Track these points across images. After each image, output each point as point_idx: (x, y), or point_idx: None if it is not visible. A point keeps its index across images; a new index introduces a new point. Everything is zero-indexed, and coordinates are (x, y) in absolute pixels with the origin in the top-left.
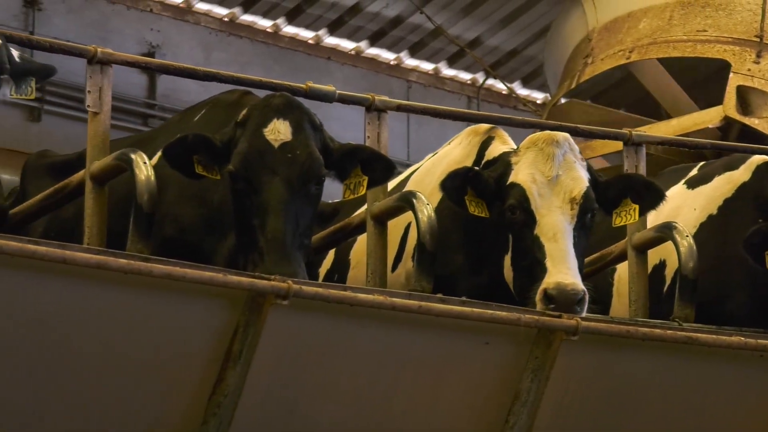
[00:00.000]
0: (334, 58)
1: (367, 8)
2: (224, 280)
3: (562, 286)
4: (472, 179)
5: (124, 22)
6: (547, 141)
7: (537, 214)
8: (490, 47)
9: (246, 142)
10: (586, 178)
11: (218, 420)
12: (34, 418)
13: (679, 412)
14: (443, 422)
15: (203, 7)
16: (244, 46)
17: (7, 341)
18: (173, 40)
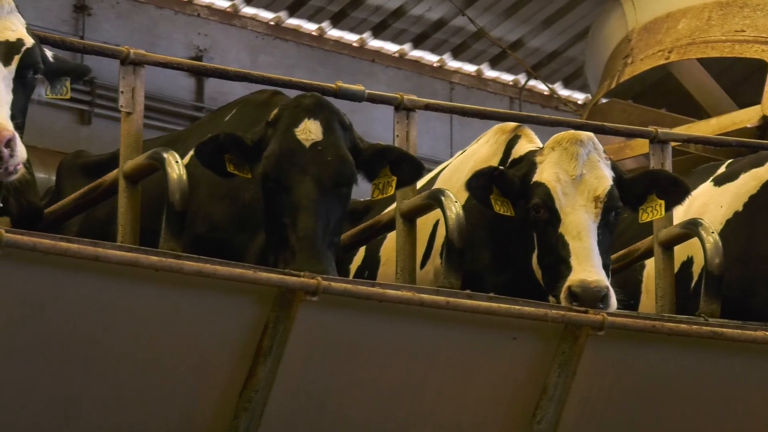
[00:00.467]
0: (378, 60)
1: (410, 11)
2: (254, 276)
3: (586, 284)
4: (497, 178)
5: (172, 27)
6: (571, 140)
7: (561, 212)
8: (531, 49)
9: (277, 141)
10: (610, 176)
11: (249, 414)
12: (68, 413)
13: (705, 407)
14: (471, 417)
15: (250, 12)
16: (289, 49)
17: (40, 338)
18: (220, 44)
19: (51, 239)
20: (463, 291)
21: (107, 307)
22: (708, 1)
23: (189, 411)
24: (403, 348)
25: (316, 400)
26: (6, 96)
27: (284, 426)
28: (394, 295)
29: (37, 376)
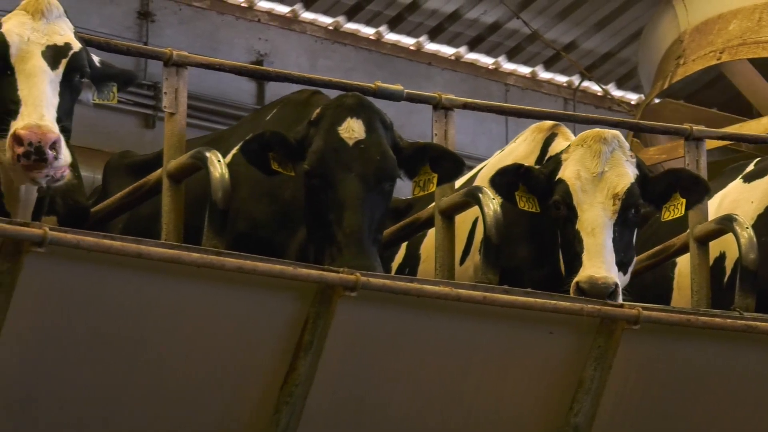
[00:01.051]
0: (435, 63)
1: (466, 15)
2: (294, 273)
3: (593, 280)
4: (523, 175)
5: (233, 32)
6: (595, 138)
7: (579, 209)
8: (585, 50)
9: (321, 140)
10: (632, 174)
11: (290, 408)
12: (111, 409)
13: (739, 400)
14: (509, 410)
15: (309, 17)
16: (348, 53)
17: (84, 334)
18: (280, 49)
19: (94, 237)
20: (500, 286)
21: (150, 303)
22: (759, 2)
23: (230, 406)
24: (442, 343)
25: (355, 394)
26: (53, 99)
27: (324, 420)
28: (431, 291)
29: (80, 371)
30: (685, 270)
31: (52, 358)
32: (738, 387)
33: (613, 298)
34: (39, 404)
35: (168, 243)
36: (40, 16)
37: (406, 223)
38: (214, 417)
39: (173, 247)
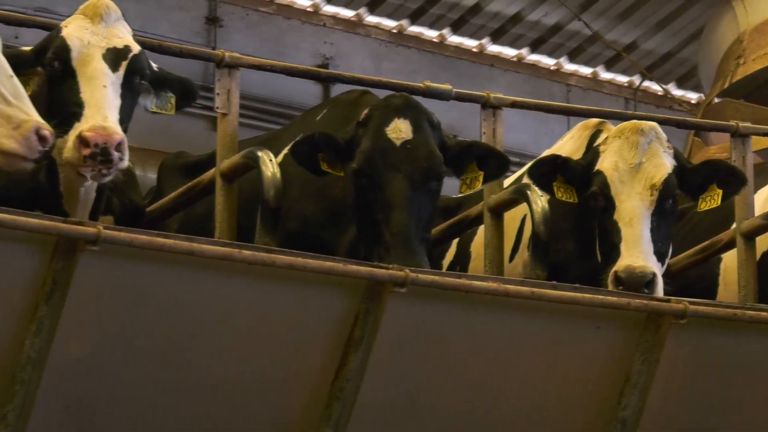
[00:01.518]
0: (497, 65)
1: (527, 17)
2: (344, 269)
3: (630, 269)
4: (560, 167)
5: (299, 36)
6: (632, 130)
7: (616, 200)
8: (645, 51)
9: (369, 140)
10: (669, 165)
11: (341, 404)
12: (165, 404)
13: None
14: (557, 404)
15: (373, 20)
16: (411, 55)
17: (138, 330)
18: (345, 52)
19: (147, 235)
20: (548, 282)
21: (202, 300)
22: None
23: (282, 401)
24: (490, 338)
25: (405, 388)
26: (115, 101)
27: (375, 414)
28: (480, 287)
29: (134, 369)
30: (731, 265)
31: (106, 356)
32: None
33: (651, 288)
34: (94, 401)
35: (219, 241)
36: (99, 19)
37: (455, 220)
38: (266, 413)
39: (225, 245)
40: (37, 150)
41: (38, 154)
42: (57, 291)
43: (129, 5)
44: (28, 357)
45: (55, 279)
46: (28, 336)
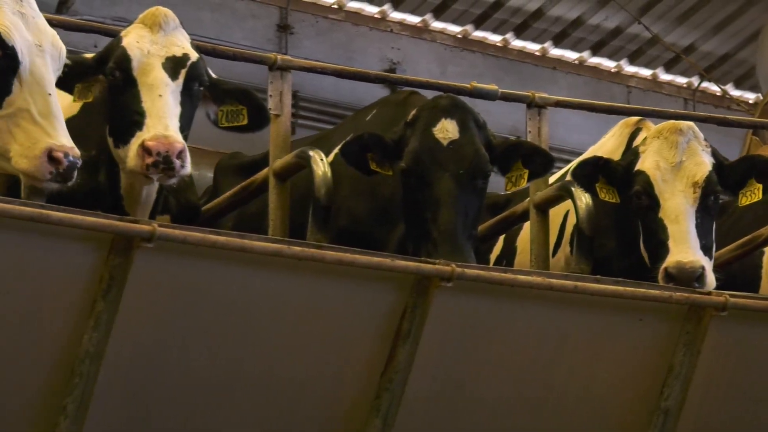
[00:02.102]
0: (559, 67)
1: (588, 21)
2: (392, 264)
3: (681, 265)
4: (602, 167)
5: (367, 42)
6: (671, 130)
7: (661, 198)
8: (704, 52)
9: (417, 140)
10: (709, 162)
11: (390, 395)
12: (221, 394)
13: None
14: (601, 394)
15: (438, 26)
16: (476, 59)
17: (192, 324)
18: (412, 57)
19: (200, 232)
20: (591, 276)
21: (255, 296)
22: None
23: (334, 391)
24: (535, 331)
25: (452, 379)
26: (175, 109)
27: (424, 405)
28: (524, 280)
29: (188, 360)
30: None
31: (161, 350)
32: None
33: (701, 281)
34: (150, 394)
35: (270, 237)
36: (158, 28)
37: (502, 217)
38: (317, 405)
39: (275, 241)
40: (48, 172)
41: (49, 176)
42: (114, 287)
43: (205, 14)
44: (86, 351)
45: (112, 275)
46: (86, 330)
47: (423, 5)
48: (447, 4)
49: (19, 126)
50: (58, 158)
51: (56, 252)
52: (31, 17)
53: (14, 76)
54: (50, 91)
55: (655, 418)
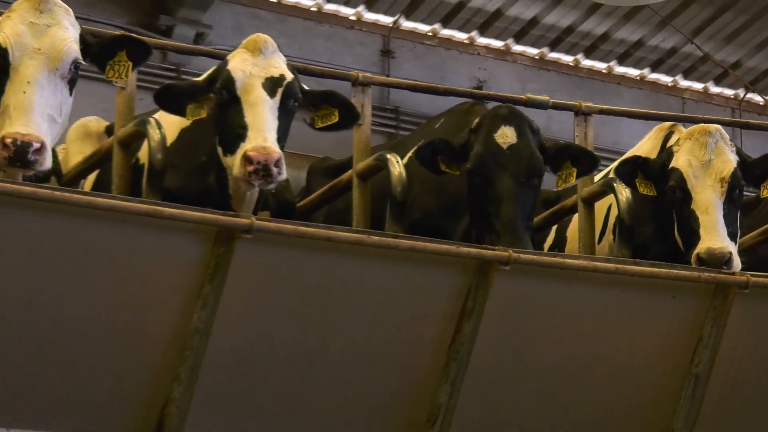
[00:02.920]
0: (623, 83)
1: (648, 42)
2: (457, 251)
3: (711, 251)
4: (641, 165)
5: (457, 64)
6: (701, 132)
7: (693, 192)
8: (748, 68)
9: (480, 145)
10: (734, 160)
11: (457, 364)
12: (308, 366)
13: None
14: (640, 362)
15: (519, 49)
16: (551, 77)
17: (286, 305)
18: (496, 76)
19: (293, 224)
20: (630, 259)
21: (340, 279)
22: None
23: (409, 361)
24: (582, 307)
25: (511, 350)
26: (273, 123)
27: (485, 373)
28: (572, 263)
29: (283, 335)
30: None
31: (259, 326)
32: None
33: (729, 265)
34: (250, 364)
35: (353, 228)
36: (259, 53)
37: (554, 210)
38: (394, 373)
39: (357, 232)
40: (2, 157)
41: (5, 161)
42: (219, 272)
43: (319, 43)
44: (195, 328)
45: (217, 262)
46: (195, 310)
47: (505, 31)
48: (526, 30)
49: (2, 119)
50: (6, 144)
51: (169, 243)
52: (44, 26)
53: (6, 76)
54: (29, 87)
55: (687, 382)
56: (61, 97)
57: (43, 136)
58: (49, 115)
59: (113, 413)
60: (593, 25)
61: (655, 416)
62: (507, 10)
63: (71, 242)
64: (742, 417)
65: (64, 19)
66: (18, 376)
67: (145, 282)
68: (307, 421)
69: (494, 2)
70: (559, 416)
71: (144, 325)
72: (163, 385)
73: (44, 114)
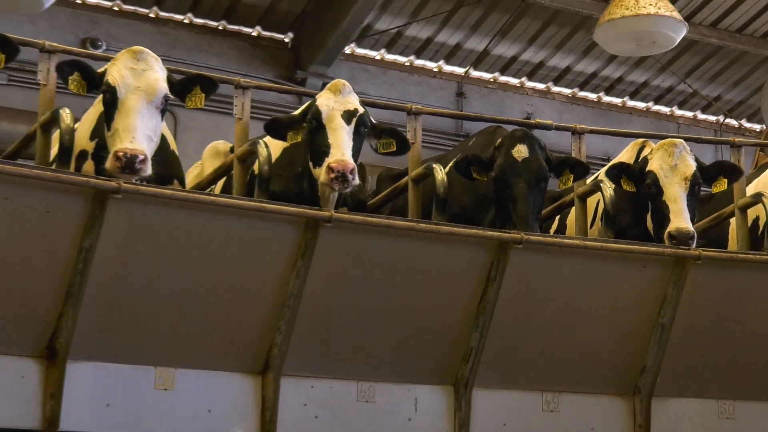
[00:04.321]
0: (633, 113)
1: (652, 82)
2: (483, 234)
3: (680, 230)
4: (624, 169)
5: (512, 101)
6: (669, 144)
7: (664, 188)
8: (727, 100)
9: (502, 158)
10: (694, 165)
11: (484, 317)
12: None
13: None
14: (619, 317)
15: (556, 89)
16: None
17: (359, 276)
18: (540, 109)
19: (362, 216)
20: (612, 239)
21: (397, 256)
22: None
23: (449, 316)
24: (576, 275)
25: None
26: (349, 143)
27: (506, 324)
28: (568, 243)
29: (355, 297)
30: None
31: (338, 293)
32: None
33: (693, 240)
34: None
35: (407, 218)
36: (339, 93)
37: (556, 204)
38: (438, 325)
39: (410, 221)
40: (116, 166)
41: (118, 170)
42: (308, 251)
43: (411, 88)
44: (291, 292)
45: (307, 244)
46: (291, 279)
47: (546, 77)
48: (561, 76)
49: (113, 139)
50: (119, 156)
51: (272, 230)
52: (141, 70)
53: (115, 108)
54: (132, 115)
55: (655, 330)
56: (156, 122)
57: (145, 150)
58: (148, 136)
59: (235, 354)
60: (611, 70)
61: (631, 355)
62: (548, 61)
63: (203, 230)
64: (697, 355)
65: (155, 65)
66: (175, 330)
67: (255, 259)
68: (376, 361)
69: (539, 56)
70: (559, 355)
71: (254, 290)
72: (268, 335)
73: (144, 135)
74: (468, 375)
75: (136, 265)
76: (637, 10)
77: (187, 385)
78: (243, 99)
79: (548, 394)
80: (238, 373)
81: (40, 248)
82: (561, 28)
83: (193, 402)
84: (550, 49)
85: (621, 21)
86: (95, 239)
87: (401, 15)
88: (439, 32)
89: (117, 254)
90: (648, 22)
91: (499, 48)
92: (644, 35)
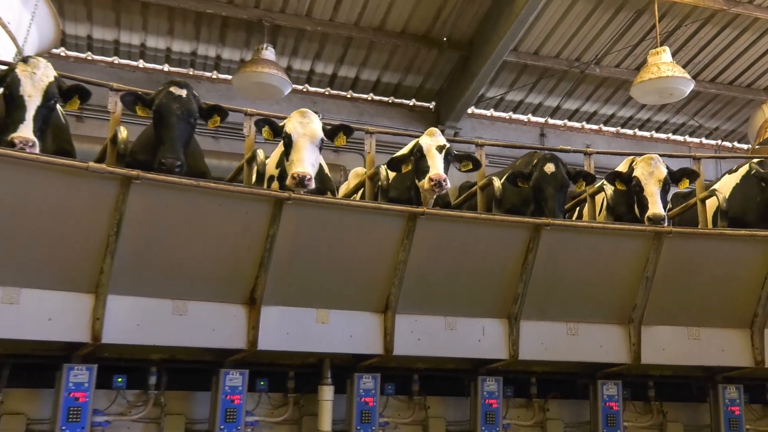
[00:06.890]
0: (658, 142)
1: (671, 120)
2: (524, 221)
3: (655, 214)
4: (619, 176)
5: (575, 138)
6: (648, 158)
7: (645, 187)
8: (723, 129)
9: (537, 173)
10: (665, 171)
11: (526, 274)
12: (457, 279)
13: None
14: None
15: (606, 128)
16: (622, 142)
17: (443, 250)
18: (594, 142)
19: (445, 210)
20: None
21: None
22: None
23: (503, 274)
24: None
25: (552, 268)
26: (442, 164)
27: (541, 279)
28: (580, 225)
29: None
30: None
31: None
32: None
33: (664, 221)
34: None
35: (474, 212)
36: (433, 135)
37: (575, 201)
38: (496, 280)
39: (476, 213)
40: (293, 183)
41: (294, 186)
42: (410, 233)
43: (510, 133)
44: (400, 260)
45: (409, 229)
46: (400, 251)
47: (599, 120)
48: (609, 120)
49: (290, 166)
50: (294, 177)
51: (386, 222)
52: (306, 123)
53: (291, 147)
54: (301, 151)
55: (642, 281)
56: (316, 155)
57: (310, 172)
58: (311, 164)
59: (367, 299)
60: (642, 114)
61: (627, 297)
62: (599, 110)
63: (348, 224)
64: (671, 296)
65: (315, 119)
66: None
67: (376, 240)
68: (456, 302)
69: (593, 107)
70: (577, 304)
71: (377, 259)
72: (386, 287)
73: (309, 163)
74: (517, 311)
75: (304, 245)
76: (659, 74)
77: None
78: (371, 140)
79: (571, 323)
80: (368, 312)
81: (242, 235)
82: (608, 88)
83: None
84: (600, 103)
85: (648, 81)
86: (276, 229)
87: (503, 86)
88: (527, 95)
89: (290, 240)
90: (667, 81)
91: (567, 104)
92: (664, 90)
